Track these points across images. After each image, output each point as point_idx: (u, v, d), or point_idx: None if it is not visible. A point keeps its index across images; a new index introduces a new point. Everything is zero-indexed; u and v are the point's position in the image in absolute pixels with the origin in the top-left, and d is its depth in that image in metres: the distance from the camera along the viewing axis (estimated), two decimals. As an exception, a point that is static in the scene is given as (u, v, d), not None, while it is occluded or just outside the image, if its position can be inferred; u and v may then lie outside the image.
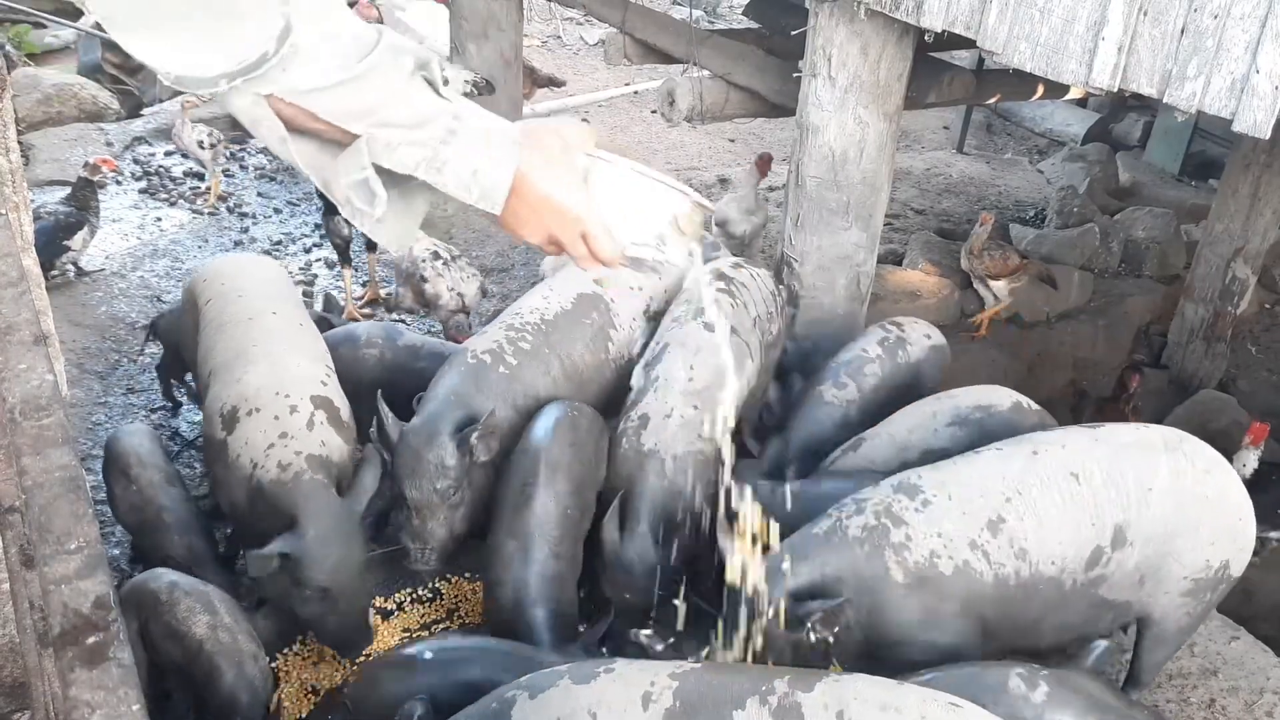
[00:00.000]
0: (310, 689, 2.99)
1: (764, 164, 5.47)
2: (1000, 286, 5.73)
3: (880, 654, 2.80)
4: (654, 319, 3.80)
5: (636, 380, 3.47)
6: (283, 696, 2.91)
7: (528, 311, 3.57)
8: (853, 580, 2.71)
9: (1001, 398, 3.47)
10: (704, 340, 3.43)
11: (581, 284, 3.67)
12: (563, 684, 2.27)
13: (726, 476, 2.62)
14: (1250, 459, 4.63)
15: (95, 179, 5.14)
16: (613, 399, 3.63)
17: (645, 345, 3.69)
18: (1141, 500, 2.80)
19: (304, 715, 2.93)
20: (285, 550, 2.75)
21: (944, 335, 4.16)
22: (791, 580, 2.72)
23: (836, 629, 2.68)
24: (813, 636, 2.72)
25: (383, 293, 5.29)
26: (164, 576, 2.83)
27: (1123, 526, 2.79)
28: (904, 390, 3.79)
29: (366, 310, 5.17)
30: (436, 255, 4.69)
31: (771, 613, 2.71)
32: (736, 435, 3.59)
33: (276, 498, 2.84)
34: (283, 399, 3.02)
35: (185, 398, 4.29)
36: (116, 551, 3.56)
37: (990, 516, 2.73)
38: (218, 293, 3.48)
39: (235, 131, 6.44)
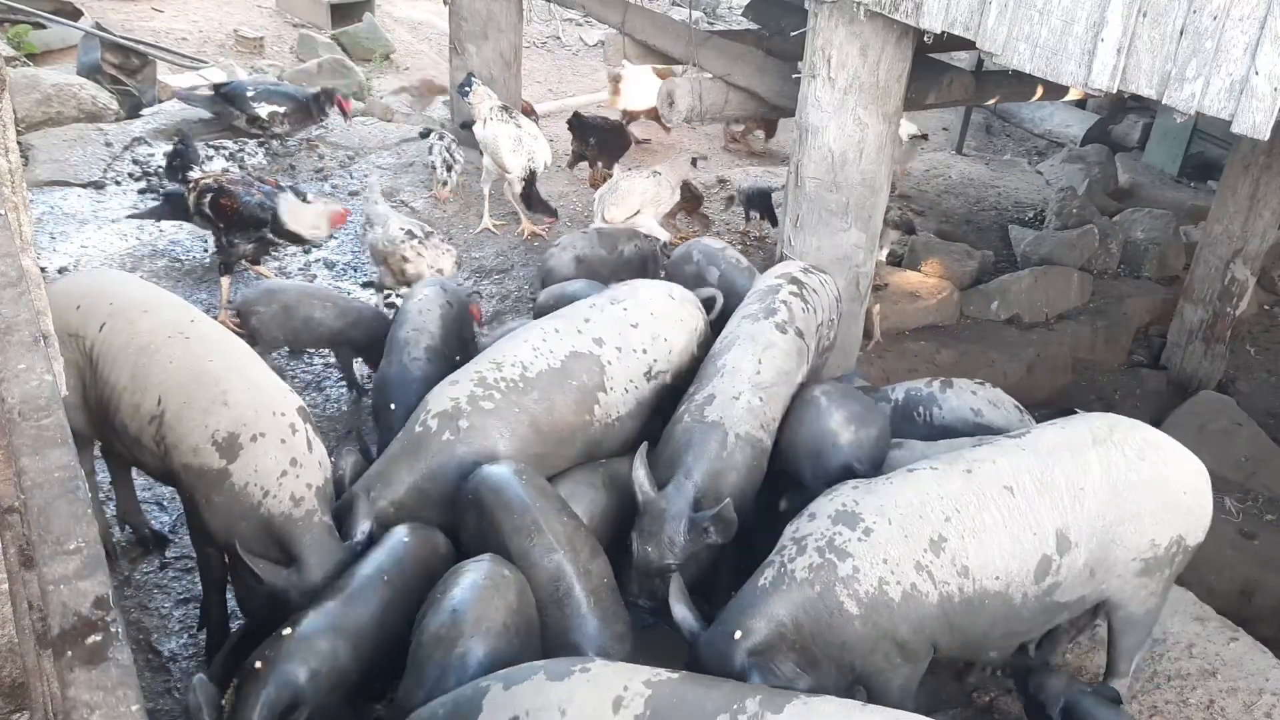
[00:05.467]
0: None
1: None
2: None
3: (860, 681, 2.82)
4: (654, 379, 3.62)
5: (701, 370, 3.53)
6: None
7: (507, 365, 3.37)
8: (808, 623, 2.70)
9: None
10: (774, 339, 3.53)
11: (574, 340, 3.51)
12: (537, 679, 2.29)
13: None
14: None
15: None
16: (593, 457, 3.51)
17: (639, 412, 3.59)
18: (1076, 500, 2.82)
19: None
20: (287, 586, 2.82)
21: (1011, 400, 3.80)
22: (748, 641, 2.69)
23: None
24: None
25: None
26: None
27: (1063, 530, 2.80)
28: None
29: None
30: (411, 234, 4.90)
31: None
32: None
33: (285, 533, 2.88)
34: (280, 419, 2.96)
35: None
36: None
37: (931, 537, 2.75)
38: (108, 314, 3.10)
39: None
